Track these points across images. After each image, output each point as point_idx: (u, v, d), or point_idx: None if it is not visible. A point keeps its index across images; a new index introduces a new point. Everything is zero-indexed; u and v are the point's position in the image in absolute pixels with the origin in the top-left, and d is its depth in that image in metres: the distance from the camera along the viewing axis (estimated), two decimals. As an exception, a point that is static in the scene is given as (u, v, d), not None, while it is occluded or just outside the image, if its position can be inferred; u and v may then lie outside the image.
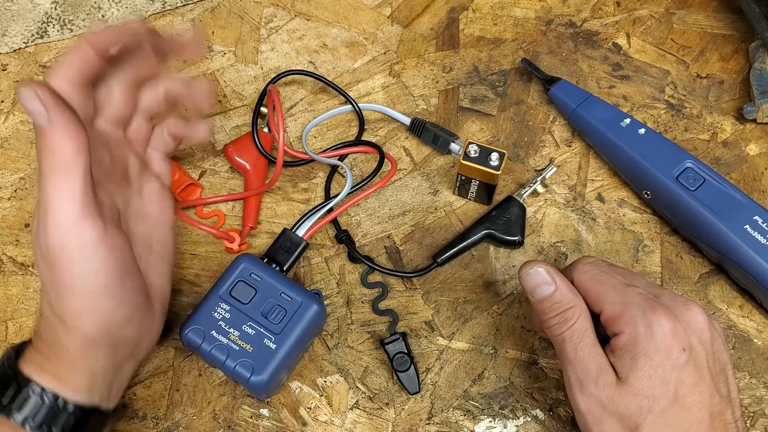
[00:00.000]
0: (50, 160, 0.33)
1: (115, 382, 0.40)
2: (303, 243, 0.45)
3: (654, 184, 0.46)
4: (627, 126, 0.48)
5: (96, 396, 0.38)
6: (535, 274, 0.38)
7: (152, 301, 0.41)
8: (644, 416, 0.34)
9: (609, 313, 0.36)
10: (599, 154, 0.51)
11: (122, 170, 0.41)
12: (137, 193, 0.42)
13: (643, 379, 0.34)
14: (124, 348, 0.39)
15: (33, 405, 0.36)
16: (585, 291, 0.37)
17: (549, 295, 0.38)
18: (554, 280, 0.38)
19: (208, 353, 0.40)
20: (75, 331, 0.36)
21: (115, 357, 0.39)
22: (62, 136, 0.33)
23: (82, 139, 0.33)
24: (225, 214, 0.50)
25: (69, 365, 0.37)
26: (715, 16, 0.56)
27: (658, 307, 0.35)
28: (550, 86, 0.52)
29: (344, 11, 0.57)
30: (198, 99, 0.43)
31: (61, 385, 0.36)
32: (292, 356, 0.41)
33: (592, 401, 0.35)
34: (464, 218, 0.49)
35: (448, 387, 0.44)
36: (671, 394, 0.34)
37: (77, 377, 0.37)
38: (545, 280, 0.38)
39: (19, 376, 0.36)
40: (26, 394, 0.36)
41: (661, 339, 0.34)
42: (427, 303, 0.47)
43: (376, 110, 0.53)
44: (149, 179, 0.43)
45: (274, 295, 0.41)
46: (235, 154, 0.49)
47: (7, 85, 0.54)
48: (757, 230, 0.43)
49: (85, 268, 0.35)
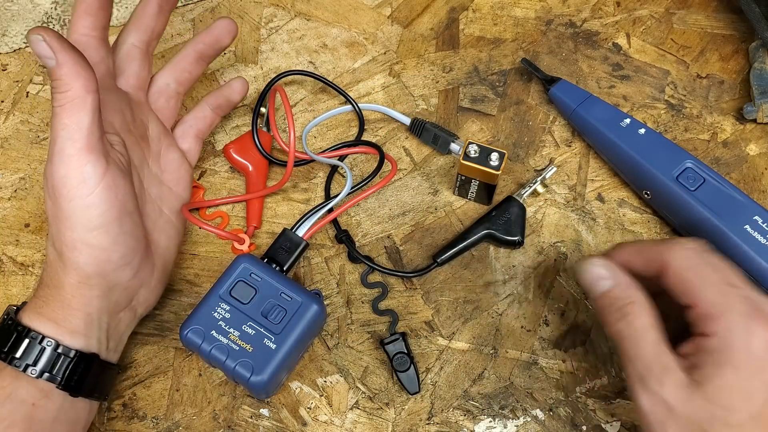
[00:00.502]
0: (60, 98, 0.35)
1: (112, 331, 0.41)
2: (303, 243, 0.45)
3: (654, 184, 0.46)
4: (627, 126, 0.48)
5: (93, 342, 0.40)
6: (592, 269, 0.37)
7: (153, 256, 0.43)
8: (716, 426, 0.32)
9: (703, 311, 0.33)
10: (599, 154, 0.51)
11: (141, 130, 0.44)
12: (155, 157, 0.45)
13: (723, 388, 0.32)
14: (119, 294, 0.40)
15: (33, 352, 0.37)
16: (679, 279, 0.35)
17: (606, 290, 0.37)
18: (612, 275, 0.37)
19: (208, 353, 0.40)
20: (70, 264, 0.38)
21: (110, 301, 0.40)
22: (70, 74, 0.35)
23: (90, 79, 0.36)
24: (228, 215, 0.50)
25: (65, 306, 0.38)
26: (715, 16, 0.56)
27: (761, 318, 0.32)
28: (550, 86, 0.52)
29: (344, 11, 0.57)
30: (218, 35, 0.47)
31: (58, 328, 0.38)
32: (292, 356, 0.41)
33: (655, 400, 0.33)
34: (464, 218, 0.49)
35: (448, 387, 0.44)
36: (754, 410, 0.32)
37: (73, 319, 0.38)
38: (602, 275, 0.37)
39: (20, 326, 0.38)
40: (26, 342, 0.37)
41: (758, 352, 0.32)
42: (427, 303, 0.47)
43: (375, 110, 0.53)
44: (171, 149, 0.46)
45: (274, 295, 0.41)
46: (237, 154, 0.49)
47: (7, 85, 0.54)
48: (757, 230, 0.43)
49: (83, 202, 0.36)
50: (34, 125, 0.53)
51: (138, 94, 0.45)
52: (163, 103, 0.47)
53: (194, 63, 0.47)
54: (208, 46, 0.47)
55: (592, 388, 0.44)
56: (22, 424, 0.37)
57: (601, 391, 0.44)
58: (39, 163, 0.51)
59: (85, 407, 0.40)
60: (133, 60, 0.44)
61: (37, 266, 0.48)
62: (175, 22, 0.57)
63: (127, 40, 0.44)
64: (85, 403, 0.40)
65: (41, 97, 0.54)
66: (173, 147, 0.47)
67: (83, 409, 0.40)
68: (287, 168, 0.47)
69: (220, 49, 0.48)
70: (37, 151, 0.52)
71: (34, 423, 0.37)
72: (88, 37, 0.41)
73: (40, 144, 0.52)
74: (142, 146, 0.44)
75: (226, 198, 0.48)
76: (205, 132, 0.49)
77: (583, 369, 0.45)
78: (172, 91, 0.47)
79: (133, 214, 0.40)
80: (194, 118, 0.48)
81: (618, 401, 0.44)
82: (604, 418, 0.44)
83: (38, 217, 0.50)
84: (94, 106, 0.36)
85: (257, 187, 0.49)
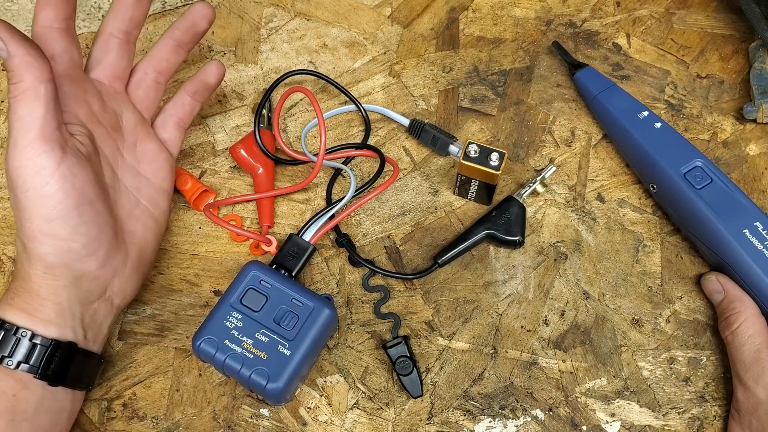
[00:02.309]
0: (13, 89, 0.36)
1: (88, 321, 0.41)
2: (310, 248, 0.45)
3: (661, 178, 0.46)
4: (644, 118, 0.48)
5: (68, 331, 0.40)
6: (708, 284, 0.45)
7: (125, 246, 0.42)
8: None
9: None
10: (613, 142, 0.51)
11: (113, 121, 0.44)
12: (130, 147, 0.45)
13: None
14: (88, 284, 0.40)
15: (9, 343, 0.38)
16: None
17: (718, 302, 0.45)
18: (723, 288, 0.44)
19: (223, 363, 0.39)
20: (33, 255, 0.38)
21: (79, 290, 0.40)
22: (21, 64, 0.35)
23: (43, 69, 0.36)
24: (240, 216, 0.50)
25: (35, 297, 0.39)
26: (715, 16, 0.56)
27: None
28: (576, 71, 0.52)
29: (344, 11, 0.57)
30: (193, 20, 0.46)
31: (31, 318, 0.38)
32: (306, 361, 0.41)
33: (749, 395, 0.41)
34: (464, 218, 0.49)
35: (448, 387, 0.44)
36: None
37: (44, 309, 0.39)
38: (716, 289, 0.45)
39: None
40: (0, 334, 0.38)
41: None
42: (427, 303, 0.47)
43: (374, 111, 0.53)
44: (148, 139, 0.46)
45: (286, 301, 0.41)
46: (249, 155, 0.49)
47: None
48: (756, 236, 0.43)
49: (40, 192, 0.37)
50: (34, 125, 0.53)
51: (115, 83, 0.45)
52: (141, 94, 0.46)
53: (172, 51, 0.47)
54: (184, 32, 0.46)
55: (592, 388, 0.44)
56: (5, 415, 0.37)
57: (601, 391, 0.44)
58: (39, 163, 0.51)
59: (67, 397, 0.40)
60: (111, 50, 0.44)
61: (37, 266, 0.48)
62: (175, 22, 0.57)
63: (106, 30, 0.44)
64: (67, 393, 0.40)
65: (41, 97, 0.54)
66: (150, 137, 0.46)
67: (66, 399, 0.40)
68: (316, 165, 0.46)
69: (197, 34, 0.47)
70: (37, 151, 0.52)
71: (16, 414, 0.37)
72: (48, 29, 0.40)
73: (40, 144, 0.52)
74: (115, 137, 0.44)
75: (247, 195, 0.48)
76: (186, 120, 0.48)
77: (583, 369, 0.45)
78: (151, 80, 0.46)
79: (95, 202, 0.39)
80: (173, 106, 0.48)
81: (618, 401, 0.44)
82: (604, 418, 0.44)
83: (38, 217, 0.50)
84: (48, 96, 0.36)
85: (266, 187, 0.49)
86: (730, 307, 0.43)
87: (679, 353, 0.45)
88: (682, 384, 0.44)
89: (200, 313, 0.47)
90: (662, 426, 0.43)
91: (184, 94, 0.48)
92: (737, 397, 0.42)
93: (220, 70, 0.48)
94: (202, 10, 0.46)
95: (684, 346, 0.45)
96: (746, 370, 0.41)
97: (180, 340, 0.46)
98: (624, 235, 0.49)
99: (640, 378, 0.45)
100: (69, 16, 0.41)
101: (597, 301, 0.47)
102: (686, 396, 0.44)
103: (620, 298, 0.47)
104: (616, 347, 0.45)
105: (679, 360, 0.45)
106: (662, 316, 0.46)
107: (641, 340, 0.46)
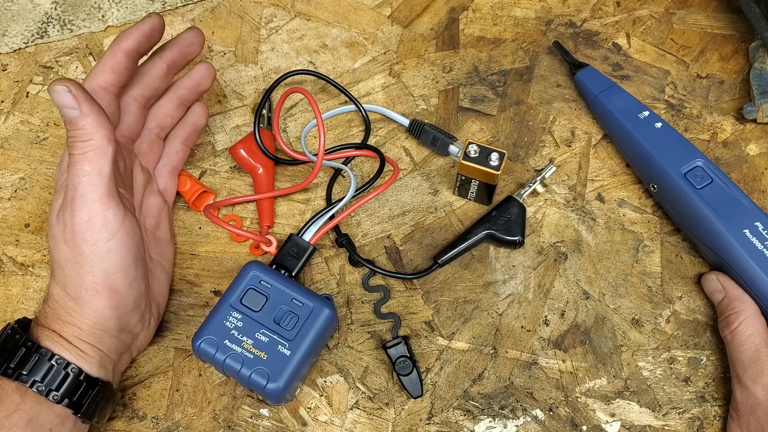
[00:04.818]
0: (82, 146, 0.37)
1: (117, 369, 0.42)
2: (310, 248, 0.45)
3: (661, 177, 0.46)
4: (645, 118, 0.48)
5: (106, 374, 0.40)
6: (709, 283, 0.45)
7: (151, 300, 0.43)
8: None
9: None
10: (613, 142, 0.51)
11: (130, 180, 0.45)
12: (138, 205, 0.45)
13: None
14: (126, 337, 0.41)
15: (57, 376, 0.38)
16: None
17: (718, 301, 0.45)
18: (723, 288, 0.44)
19: (223, 363, 0.39)
20: (88, 307, 0.38)
21: (119, 342, 0.41)
22: (94, 124, 0.37)
23: (111, 129, 0.37)
24: (240, 217, 0.50)
25: (81, 341, 0.39)
26: (715, 16, 0.56)
27: None
28: (576, 71, 0.52)
29: (344, 11, 0.57)
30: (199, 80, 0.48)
31: (78, 358, 0.39)
32: (306, 361, 0.41)
33: (747, 394, 0.41)
34: (464, 218, 0.49)
35: (448, 387, 0.44)
36: None
37: (91, 352, 0.39)
38: (716, 288, 0.45)
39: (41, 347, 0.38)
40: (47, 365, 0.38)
41: None
42: (427, 303, 0.47)
43: (374, 111, 0.53)
44: (151, 194, 0.46)
45: (286, 301, 0.41)
46: (249, 155, 0.49)
47: (7, 85, 0.54)
48: (756, 236, 0.43)
49: (105, 246, 0.38)
50: (34, 125, 0.53)
51: (128, 144, 0.45)
52: (146, 148, 0.47)
53: (176, 108, 0.48)
54: (189, 90, 0.48)
55: (592, 388, 0.44)
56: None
57: (601, 391, 0.44)
58: (39, 164, 0.51)
59: (85, 427, 0.41)
60: (130, 114, 0.45)
61: (36, 266, 0.48)
62: (175, 23, 0.57)
63: (130, 95, 0.45)
64: (86, 426, 0.40)
65: (41, 97, 0.54)
66: (153, 191, 0.47)
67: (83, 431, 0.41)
68: (315, 167, 0.46)
69: (201, 92, 0.49)
70: (37, 152, 0.52)
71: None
72: (106, 92, 0.42)
73: (40, 144, 0.52)
74: (130, 195, 0.44)
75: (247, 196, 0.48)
76: (179, 167, 0.49)
77: (583, 369, 0.45)
78: (155, 135, 0.47)
79: (144, 258, 0.41)
80: (167, 155, 0.48)
81: (618, 401, 0.44)
82: (604, 418, 0.44)
83: (38, 217, 0.50)
84: (113, 155, 0.38)
85: (266, 187, 0.49)
86: (730, 307, 0.43)
87: (679, 353, 0.45)
88: (682, 384, 0.44)
89: (200, 313, 0.47)
90: (662, 426, 0.43)
91: (175, 141, 0.48)
92: (736, 397, 0.42)
93: (205, 110, 0.49)
94: (206, 70, 0.48)
95: (684, 346, 0.45)
96: (745, 370, 0.41)
97: (180, 340, 0.46)
98: (624, 235, 0.49)
99: (640, 378, 0.45)
100: (125, 84, 0.43)
101: (597, 301, 0.47)
102: (686, 396, 0.44)
103: (620, 298, 0.47)
104: (616, 347, 0.45)
105: (679, 360, 0.45)
106: (662, 316, 0.46)
107: (641, 340, 0.46)
